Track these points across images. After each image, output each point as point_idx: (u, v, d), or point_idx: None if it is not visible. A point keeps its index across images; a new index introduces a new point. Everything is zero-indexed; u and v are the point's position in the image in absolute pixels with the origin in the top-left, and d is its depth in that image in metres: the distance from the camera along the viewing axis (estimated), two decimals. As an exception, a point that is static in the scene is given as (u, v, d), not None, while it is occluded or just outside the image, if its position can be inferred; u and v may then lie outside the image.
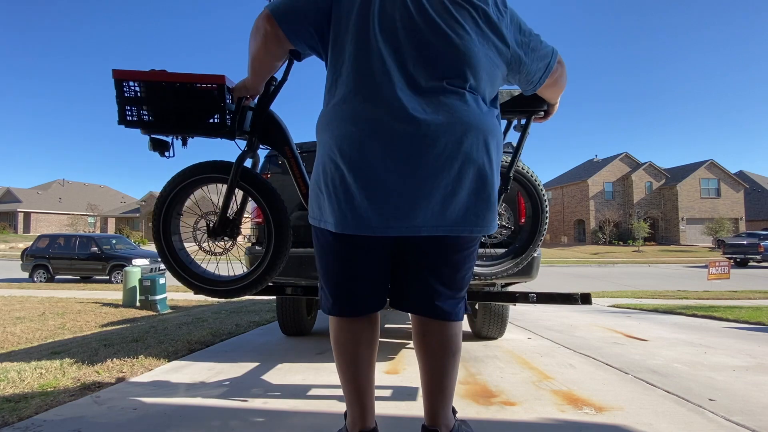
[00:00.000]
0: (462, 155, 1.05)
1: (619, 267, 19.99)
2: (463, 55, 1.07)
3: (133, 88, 1.52)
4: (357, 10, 1.10)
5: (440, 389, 1.23)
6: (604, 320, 4.86)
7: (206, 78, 1.52)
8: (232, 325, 4.09)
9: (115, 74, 1.50)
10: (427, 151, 1.03)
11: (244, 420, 1.66)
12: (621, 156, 37.07)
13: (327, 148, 1.12)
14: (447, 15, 1.08)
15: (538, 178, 2.10)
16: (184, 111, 1.53)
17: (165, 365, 2.51)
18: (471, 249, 1.22)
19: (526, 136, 1.82)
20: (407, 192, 1.05)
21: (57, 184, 48.70)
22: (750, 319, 4.76)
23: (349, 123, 1.08)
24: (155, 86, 1.51)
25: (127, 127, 1.54)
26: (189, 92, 1.52)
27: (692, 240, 34.18)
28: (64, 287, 11.41)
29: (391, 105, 1.04)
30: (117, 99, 1.51)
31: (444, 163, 1.04)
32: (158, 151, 1.63)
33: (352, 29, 1.10)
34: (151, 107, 1.53)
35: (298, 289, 2.31)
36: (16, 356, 3.34)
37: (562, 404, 1.83)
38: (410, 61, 1.07)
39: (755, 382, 2.19)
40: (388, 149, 1.04)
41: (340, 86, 1.12)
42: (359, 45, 1.09)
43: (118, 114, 1.51)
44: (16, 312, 6.71)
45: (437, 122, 1.03)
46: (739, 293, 8.78)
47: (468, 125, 1.06)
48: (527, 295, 2.17)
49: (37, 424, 1.56)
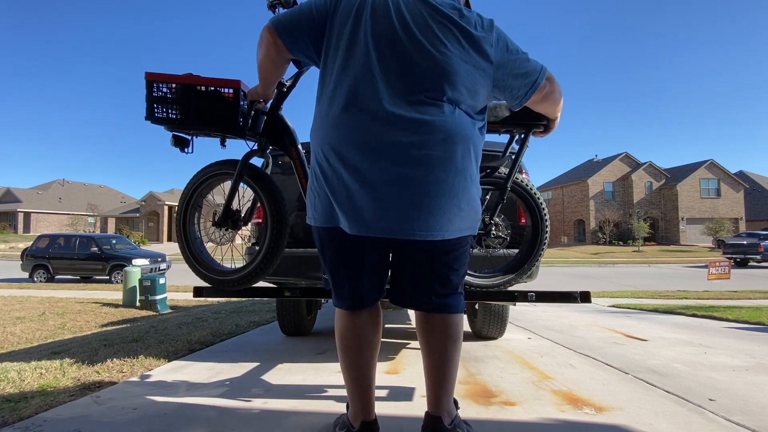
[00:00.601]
0: (438, 162, 1.16)
1: (619, 267, 20.00)
2: (442, 70, 1.18)
3: (161, 89, 1.67)
4: (350, 27, 1.21)
5: (443, 376, 1.31)
6: (604, 320, 4.86)
7: (225, 82, 1.67)
8: (232, 325, 4.09)
9: (147, 76, 1.66)
10: (407, 158, 1.14)
11: (244, 420, 1.66)
12: (621, 156, 37.08)
13: (318, 154, 1.24)
14: (430, 33, 1.19)
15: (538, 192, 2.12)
16: (204, 111, 1.67)
17: (165, 365, 2.51)
18: (460, 250, 1.31)
19: (524, 149, 1.88)
20: (387, 196, 1.16)
21: (57, 184, 48.70)
22: (750, 319, 4.76)
23: (337, 130, 1.19)
24: (182, 88, 1.66)
25: (153, 123, 1.68)
26: (210, 94, 1.67)
27: (692, 240, 34.18)
28: (64, 287, 11.41)
29: (375, 114, 1.15)
30: (147, 98, 1.66)
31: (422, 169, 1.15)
32: (179, 147, 1.80)
33: (344, 44, 1.22)
34: (177, 106, 1.67)
35: (297, 290, 2.31)
36: (16, 356, 3.34)
37: (562, 404, 1.84)
38: (395, 75, 1.18)
39: (755, 382, 2.19)
40: (371, 155, 1.15)
41: (330, 95, 1.23)
42: (350, 58, 1.20)
43: (146, 111, 1.66)
44: (16, 312, 6.72)
45: (417, 131, 1.14)
46: (739, 293, 8.78)
47: (446, 134, 1.16)
48: (526, 294, 2.17)
49: (37, 424, 1.56)
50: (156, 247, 26.00)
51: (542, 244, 2.10)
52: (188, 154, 1.85)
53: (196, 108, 1.66)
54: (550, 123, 1.69)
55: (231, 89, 1.66)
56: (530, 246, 2.12)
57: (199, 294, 2.22)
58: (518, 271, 2.12)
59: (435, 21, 1.20)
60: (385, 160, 1.15)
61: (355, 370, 1.34)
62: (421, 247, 1.25)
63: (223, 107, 1.66)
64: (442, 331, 1.32)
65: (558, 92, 1.39)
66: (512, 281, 2.14)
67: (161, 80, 1.66)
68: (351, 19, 1.22)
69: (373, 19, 1.20)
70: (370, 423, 1.34)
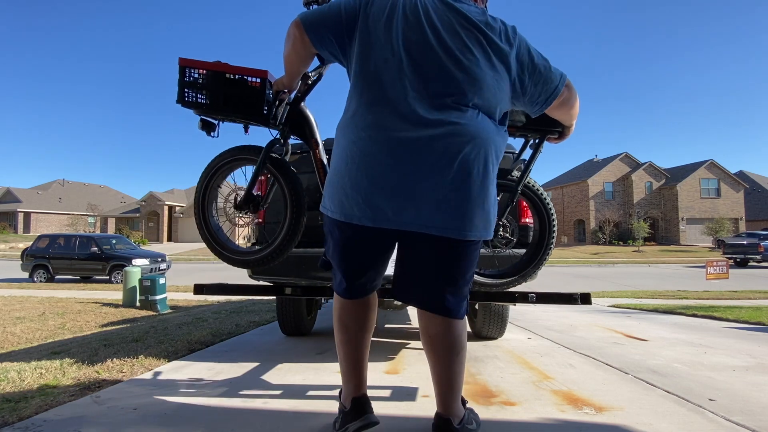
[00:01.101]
0: (460, 163, 1.20)
1: (619, 267, 19.99)
2: (469, 76, 1.23)
3: (192, 75, 1.73)
4: (381, 30, 1.26)
5: (449, 384, 1.37)
6: (604, 320, 4.86)
7: (253, 72, 1.73)
8: (232, 325, 4.09)
9: (180, 61, 1.73)
10: (430, 157, 1.19)
11: (244, 420, 1.65)
12: (621, 156, 37.07)
13: (345, 149, 1.28)
14: (458, 40, 1.24)
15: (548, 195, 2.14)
16: (232, 97, 1.74)
17: (165, 365, 2.51)
18: (471, 250, 1.32)
19: (537, 154, 1.90)
20: (408, 192, 1.21)
21: (57, 184, 48.68)
22: (750, 319, 4.76)
23: (366, 129, 1.25)
24: (212, 75, 1.73)
25: (183, 106, 1.75)
26: (238, 82, 1.73)
27: (692, 240, 34.18)
28: (64, 287, 11.41)
29: (405, 116, 1.21)
30: (179, 82, 1.73)
31: (450, 170, 1.20)
32: (206, 131, 1.86)
33: (377, 48, 1.26)
34: (206, 92, 1.74)
35: (297, 289, 2.32)
36: (16, 356, 3.34)
37: (562, 404, 1.83)
38: (423, 79, 1.23)
39: (755, 382, 2.19)
40: (398, 153, 1.20)
41: (361, 95, 1.28)
42: (383, 62, 1.25)
43: (177, 94, 1.73)
44: (16, 312, 6.72)
45: (443, 133, 1.20)
46: (739, 293, 8.78)
47: (471, 137, 1.21)
48: (527, 295, 2.17)
49: (37, 424, 1.56)
50: (156, 247, 25.99)
51: (549, 246, 2.11)
52: (214, 138, 1.91)
53: (225, 94, 1.73)
54: (565, 130, 1.71)
55: (258, 78, 1.73)
56: (536, 248, 2.13)
57: (199, 291, 2.23)
58: (522, 272, 2.13)
59: (463, 28, 1.25)
60: (412, 161, 1.20)
61: (352, 349, 1.42)
62: (433, 244, 1.28)
63: (250, 95, 1.73)
64: (446, 341, 1.36)
65: (575, 99, 1.42)
66: (515, 283, 2.14)
67: (193, 66, 1.73)
68: (382, 23, 1.26)
69: (405, 23, 1.25)
70: (359, 398, 1.40)
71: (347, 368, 1.43)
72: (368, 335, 1.46)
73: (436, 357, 1.38)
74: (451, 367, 1.36)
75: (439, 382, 1.39)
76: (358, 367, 1.43)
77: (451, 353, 1.35)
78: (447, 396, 1.37)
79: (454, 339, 1.35)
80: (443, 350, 1.36)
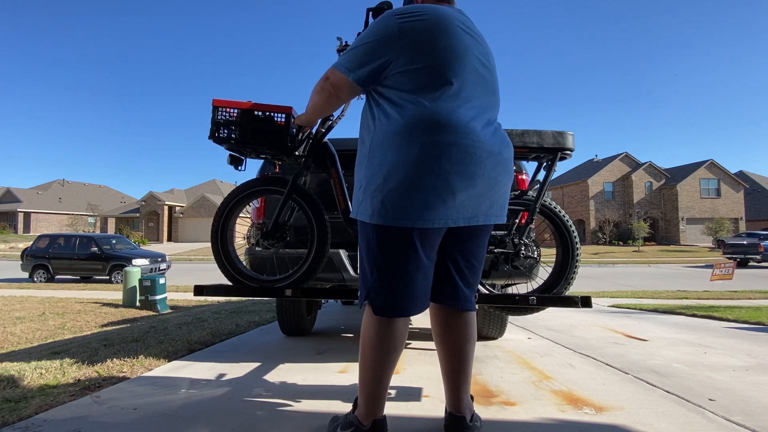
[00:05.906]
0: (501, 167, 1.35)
1: (619, 267, 20.00)
2: (497, 95, 1.43)
3: (224, 115, 1.88)
4: (445, 54, 1.30)
5: (465, 377, 1.42)
6: (604, 320, 4.86)
7: (278, 108, 1.88)
8: (232, 325, 4.09)
9: (214, 102, 1.88)
10: (485, 163, 1.30)
11: (244, 420, 1.65)
12: (621, 156, 37.06)
13: (412, 157, 1.26)
14: (491, 65, 1.41)
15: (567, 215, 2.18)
16: (259, 132, 1.87)
17: (165, 365, 2.51)
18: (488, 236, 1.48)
19: (551, 174, 2.06)
20: (473, 192, 1.30)
21: (57, 184, 48.67)
22: (750, 319, 4.76)
23: (430, 135, 1.26)
24: (241, 112, 1.88)
25: (215, 142, 1.89)
26: (265, 119, 1.88)
27: (692, 240, 34.18)
28: (64, 287, 11.41)
29: (467, 132, 1.27)
30: (212, 120, 1.87)
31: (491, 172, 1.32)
32: (234, 165, 2.04)
33: (439, 65, 1.29)
34: (236, 128, 1.88)
35: (298, 290, 2.31)
36: (16, 356, 3.34)
37: (562, 404, 1.84)
38: (476, 98, 1.34)
39: (755, 382, 2.19)
40: (461, 160, 1.26)
41: (412, 108, 1.28)
42: (447, 78, 1.29)
43: (210, 131, 1.87)
44: (16, 312, 6.72)
45: (493, 143, 1.33)
46: (740, 293, 8.77)
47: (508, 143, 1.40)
48: (527, 297, 2.17)
49: (37, 424, 1.56)
50: (156, 247, 26.01)
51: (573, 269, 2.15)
52: (241, 171, 2.09)
53: (252, 129, 1.87)
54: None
55: (283, 115, 1.88)
56: (560, 271, 2.17)
57: (199, 293, 2.22)
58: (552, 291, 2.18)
59: (486, 45, 1.42)
60: (469, 165, 1.27)
61: (384, 368, 1.34)
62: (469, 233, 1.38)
63: (275, 129, 1.87)
64: (462, 331, 1.42)
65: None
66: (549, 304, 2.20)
67: (225, 106, 1.88)
68: (447, 48, 1.30)
69: (456, 39, 1.32)
70: (381, 420, 1.38)
71: (375, 390, 1.35)
72: (400, 353, 1.39)
73: (453, 349, 1.42)
74: (467, 357, 1.42)
75: (452, 376, 1.42)
76: (386, 389, 1.38)
77: (469, 344, 1.43)
78: (461, 391, 1.41)
79: (470, 327, 1.44)
80: (463, 342, 1.42)
